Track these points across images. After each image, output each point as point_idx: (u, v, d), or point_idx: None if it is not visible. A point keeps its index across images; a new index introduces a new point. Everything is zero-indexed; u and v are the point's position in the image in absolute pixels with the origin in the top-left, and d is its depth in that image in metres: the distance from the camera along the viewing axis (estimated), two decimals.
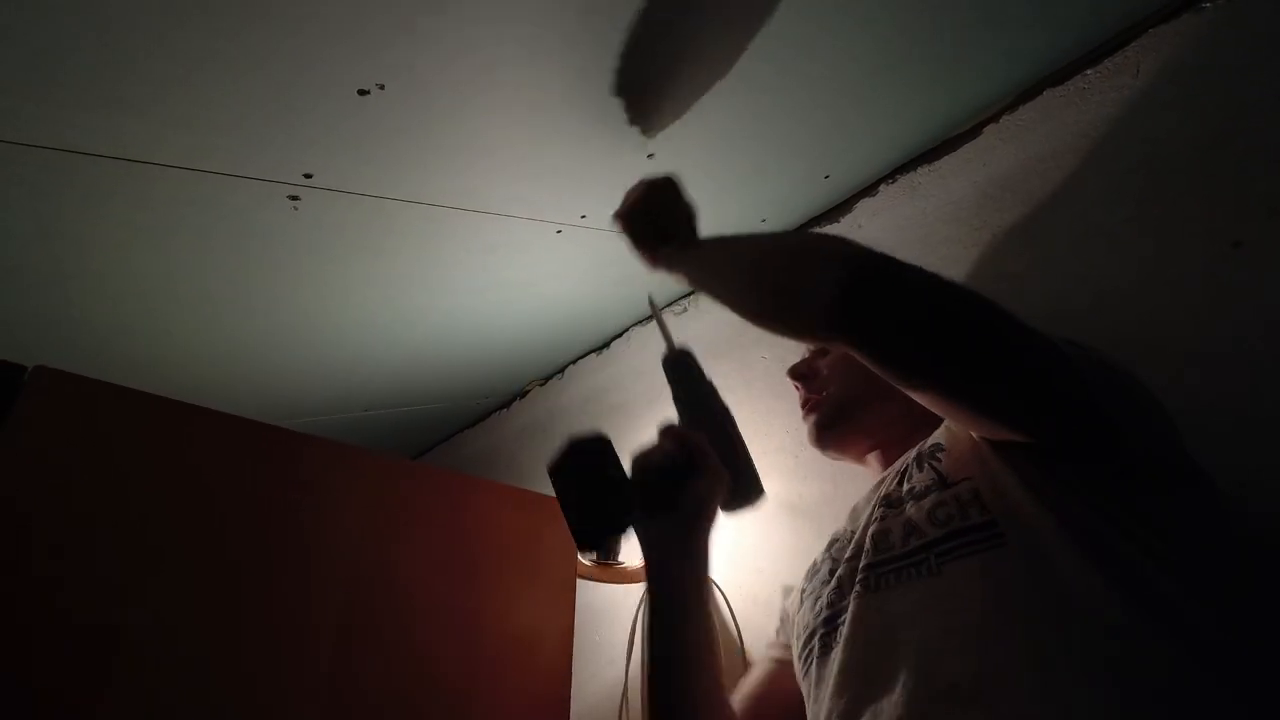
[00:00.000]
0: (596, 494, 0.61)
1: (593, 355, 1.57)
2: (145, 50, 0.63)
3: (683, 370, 0.78)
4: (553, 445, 1.72)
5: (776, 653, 0.79)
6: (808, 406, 0.83)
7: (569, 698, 0.88)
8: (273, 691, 0.65)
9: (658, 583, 0.63)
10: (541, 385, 1.72)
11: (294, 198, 0.81)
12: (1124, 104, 0.86)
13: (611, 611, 1.21)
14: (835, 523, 0.99)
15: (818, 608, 0.65)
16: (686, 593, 0.62)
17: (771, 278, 0.60)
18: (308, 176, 0.79)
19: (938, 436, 0.63)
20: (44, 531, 0.56)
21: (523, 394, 1.77)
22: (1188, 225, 0.77)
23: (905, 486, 0.61)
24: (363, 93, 0.69)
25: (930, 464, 0.60)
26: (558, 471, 0.63)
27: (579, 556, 1.00)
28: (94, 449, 0.60)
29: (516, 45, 0.72)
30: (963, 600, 0.50)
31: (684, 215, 0.80)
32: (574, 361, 1.62)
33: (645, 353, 1.44)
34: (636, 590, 1.11)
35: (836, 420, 0.79)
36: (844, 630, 0.57)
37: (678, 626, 0.61)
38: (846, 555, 0.64)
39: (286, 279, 0.96)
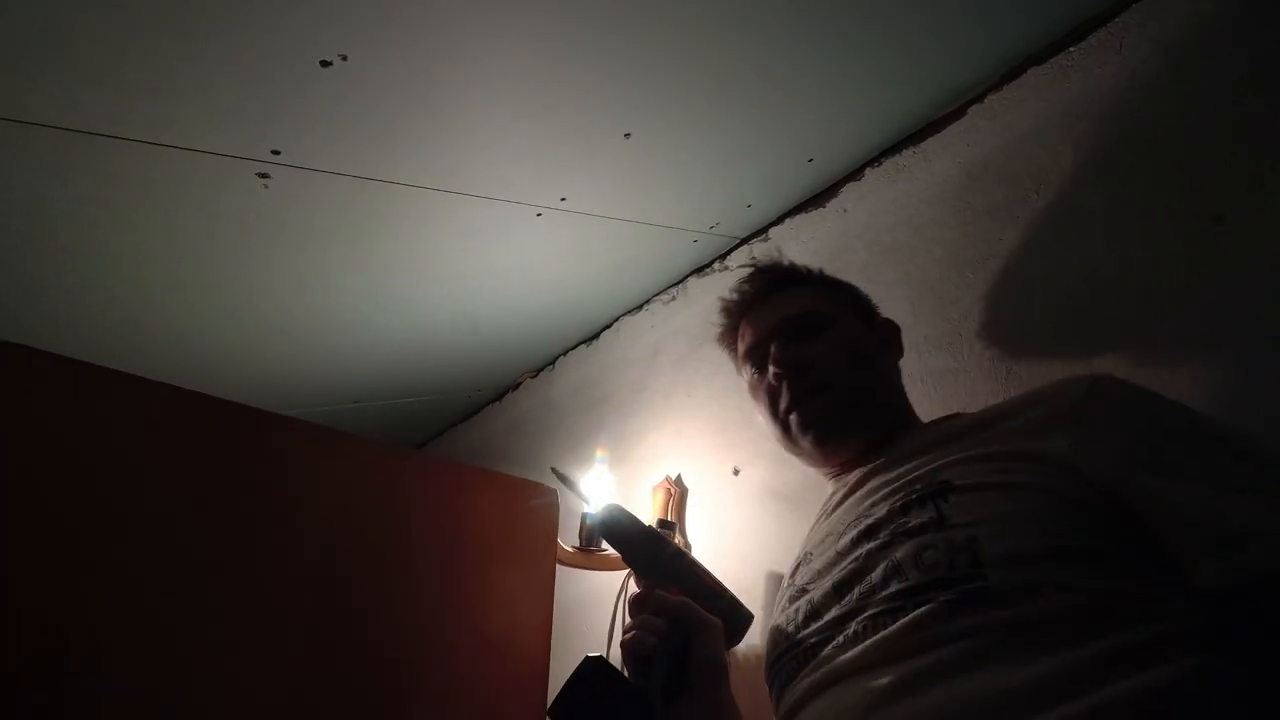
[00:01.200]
0: (625, 713, 0.57)
1: (583, 346, 1.57)
2: (99, 14, 0.60)
3: (620, 526, 0.69)
4: (545, 436, 1.70)
5: None
6: (803, 403, 0.70)
7: (546, 683, 0.87)
8: (244, 675, 0.64)
9: None
10: (533, 377, 1.71)
11: (263, 175, 0.80)
12: (1108, 80, 0.85)
13: (592, 597, 1.20)
14: (817, 508, 0.98)
15: (777, 639, 0.61)
16: None
17: None
18: (275, 153, 0.78)
19: (940, 472, 0.55)
20: (11, 510, 0.56)
21: (515, 386, 1.77)
22: (1170, 201, 0.76)
23: (897, 519, 0.54)
24: (325, 64, 0.68)
25: (936, 502, 0.53)
26: (563, 715, 0.59)
27: (559, 541, 0.99)
28: (60, 426, 0.59)
29: (487, 19, 0.70)
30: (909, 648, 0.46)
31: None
32: (564, 353, 1.61)
33: (634, 344, 1.43)
34: (617, 577, 1.10)
35: (852, 420, 0.69)
36: (805, 683, 0.53)
37: None
38: (817, 584, 0.59)
39: (260, 262, 0.95)
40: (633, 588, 1.08)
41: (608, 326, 1.50)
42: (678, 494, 1.17)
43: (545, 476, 1.47)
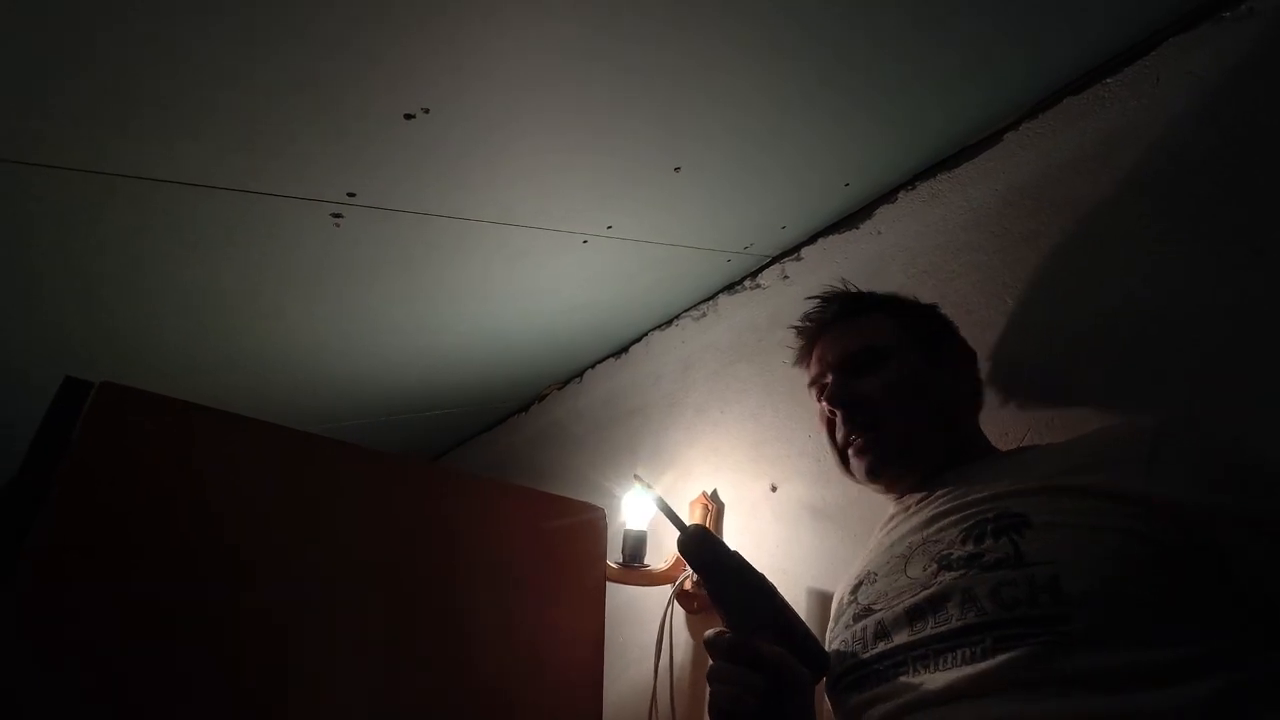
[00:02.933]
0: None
1: (610, 360, 1.59)
2: (209, 80, 0.66)
3: (707, 552, 0.64)
4: (573, 446, 1.72)
5: None
6: (855, 443, 0.72)
7: (601, 696, 0.89)
8: (327, 701, 0.67)
9: None
10: (560, 389, 1.74)
11: (337, 215, 0.84)
12: (1144, 112, 0.87)
13: (628, 611, 1.23)
14: (860, 525, 1.01)
15: (855, 651, 0.62)
16: None
17: None
18: (351, 195, 0.81)
19: (1019, 504, 0.56)
20: (113, 537, 0.59)
21: (540, 398, 1.79)
22: (1209, 232, 0.79)
23: (969, 549, 0.55)
24: (409, 117, 0.72)
25: (1011, 537, 0.53)
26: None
27: (607, 560, 1.01)
28: (153, 460, 0.62)
29: (552, 68, 0.74)
30: (1004, 688, 0.47)
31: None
32: (592, 366, 1.64)
33: (664, 358, 1.45)
34: (663, 591, 1.13)
35: (901, 457, 0.70)
36: (886, 697, 0.55)
37: None
38: (886, 605, 0.60)
39: (327, 294, 0.99)
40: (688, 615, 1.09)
41: (637, 340, 1.53)
42: (714, 510, 1.20)
43: (574, 486, 1.50)
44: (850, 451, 0.73)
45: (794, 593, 1.05)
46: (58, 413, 0.56)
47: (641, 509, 1.15)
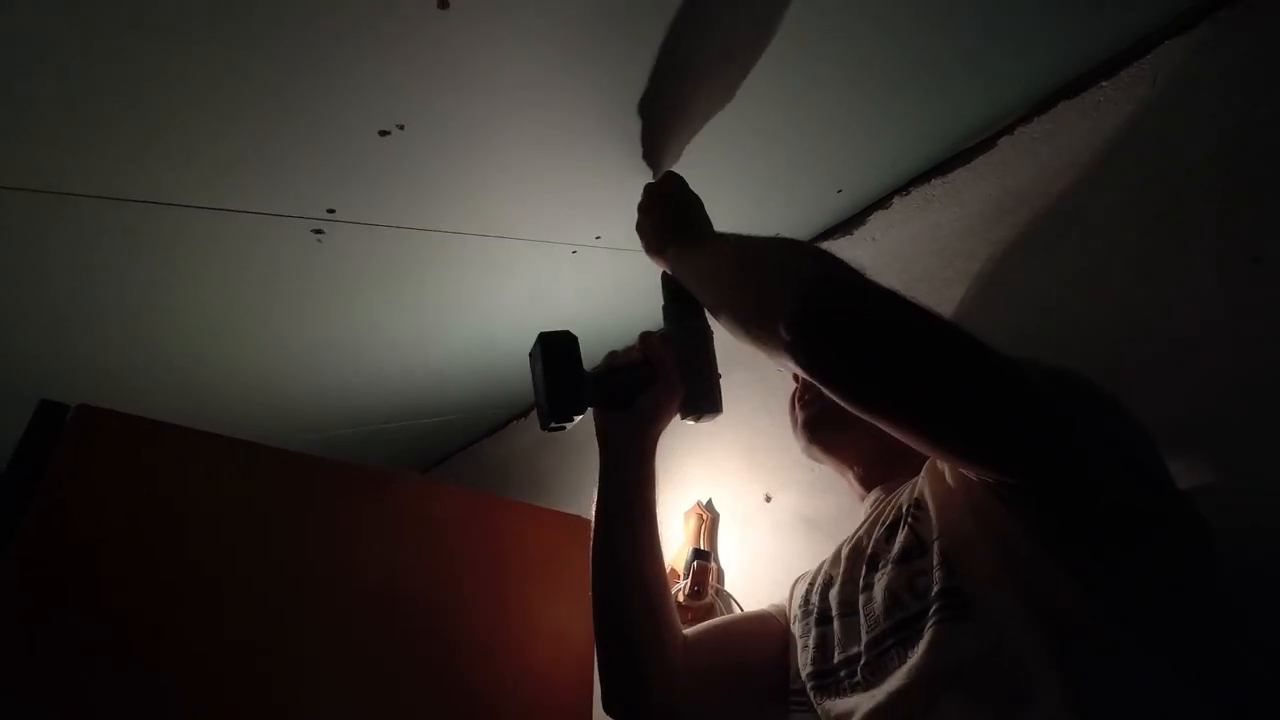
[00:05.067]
0: (554, 386, 0.68)
1: None
2: (183, 99, 0.65)
3: (677, 286, 0.81)
4: (569, 455, 1.72)
5: (767, 609, 0.80)
6: (802, 402, 0.79)
7: (591, 707, 0.89)
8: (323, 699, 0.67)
9: (605, 467, 0.73)
10: None
11: (318, 231, 0.83)
12: (1140, 115, 0.86)
13: None
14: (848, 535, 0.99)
15: (816, 657, 0.64)
16: (627, 478, 0.72)
17: (742, 289, 0.61)
18: (331, 212, 0.81)
19: (921, 486, 0.59)
20: (91, 561, 0.58)
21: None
22: (1206, 239, 0.77)
23: (890, 548, 0.59)
24: (383, 133, 0.72)
25: (910, 524, 0.57)
26: (533, 361, 0.70)
27: None
28: (132, 481, 0.62)
29: (533, 78, 0.73)
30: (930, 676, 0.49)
31: (695, 206, 0.81)
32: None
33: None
34: None
35: (829, 422, 0.75)
36: (864, 686, 0.56)
37: (619, 505, 0.71)
38: (840, 612, 0.63)
39: (312, 308, 0.99)
40: None
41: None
42: (709, 519, 1.19)
43: (571, 494, 1.48)
44: (797, 406, 0.78)
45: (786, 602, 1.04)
46: (34, 435, 0.55)
47: None
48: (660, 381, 0.71)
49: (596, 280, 1.14)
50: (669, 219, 0.80)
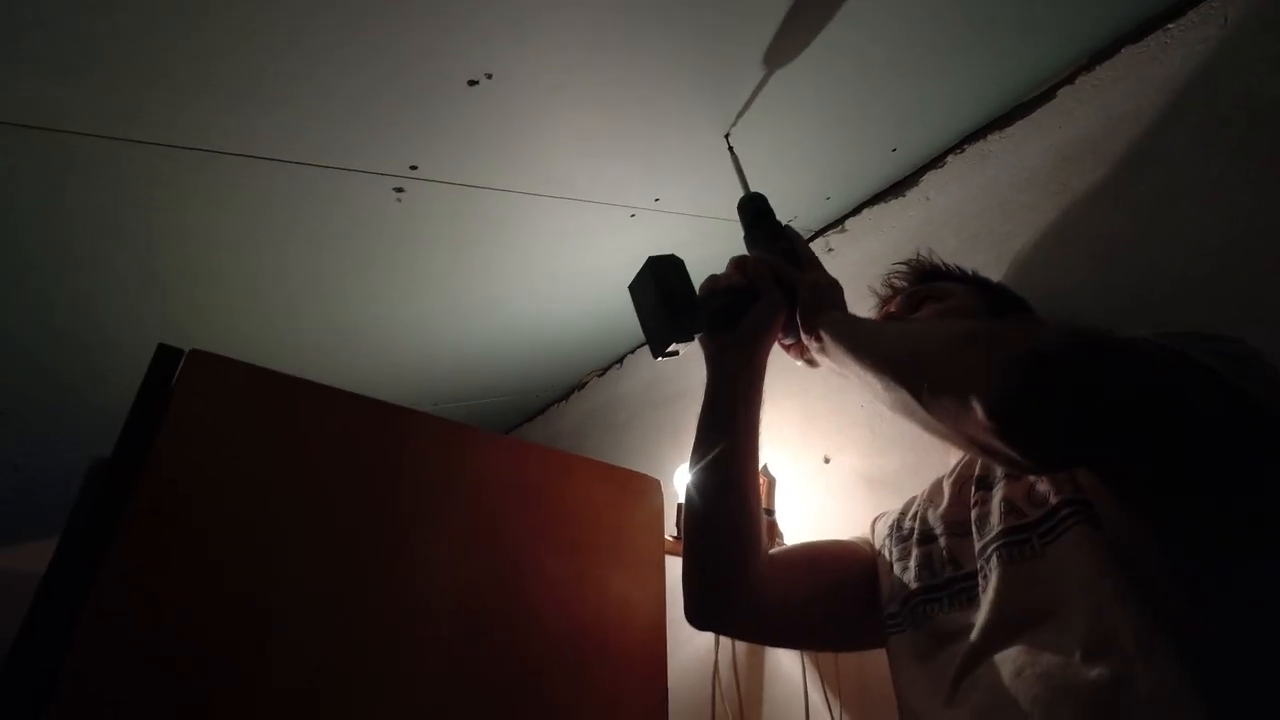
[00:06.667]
0: (669, 307, 0.67)
1: None
2: (282, 51, 0.67)
3: (754, 213, 0.82)
4: (616, 433, 1.73)
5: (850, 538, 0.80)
6: None
7: (666, 675, 0.90)
8: (399, 658, 0.69)
9: (714, 384, 0.73)
10: (600, 376, 1.75)
11: (399, 190, 0.85)
12: (1211, 55, 0.85)
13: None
14: (917, 490, 0.99)
15: (923, 574, 0.65)
16: (736, 394, 0.71)
17: (927, 359, 0.54)
18: (413, 168, 0.83)
19: None
20: (203, 505, 0.61)
21: (580, 385, 1.80)
22: None
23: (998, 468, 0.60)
24: (472, 83, 0.73)
25: None
26: (637, 287, 0.71)
27: (669, 528, 1.01)
28: (237, 422, 0.64)
29: (607, 27, 0.74)
30: (1067, 575, 0.50)
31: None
32: (633, 350, 1.64)
33: (696, 346, 1.45)
34: None
35: None
36: (980, 603, 0.56)
37: (726, 420, 0.71)
38: (946, 530, 0.64)
39: (383, 271, 1.01)
40: None
41: None
42: (766, 482, 1.19)
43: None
44: None
45: None
46: (154, 375, 0.58)
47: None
48: (764, 299, 0.71)
49: (653, 245, 1.14)
50: (826, 280, 0.76)
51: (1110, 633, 0.45)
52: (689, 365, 1.48)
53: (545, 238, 1.06)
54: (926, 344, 0.56)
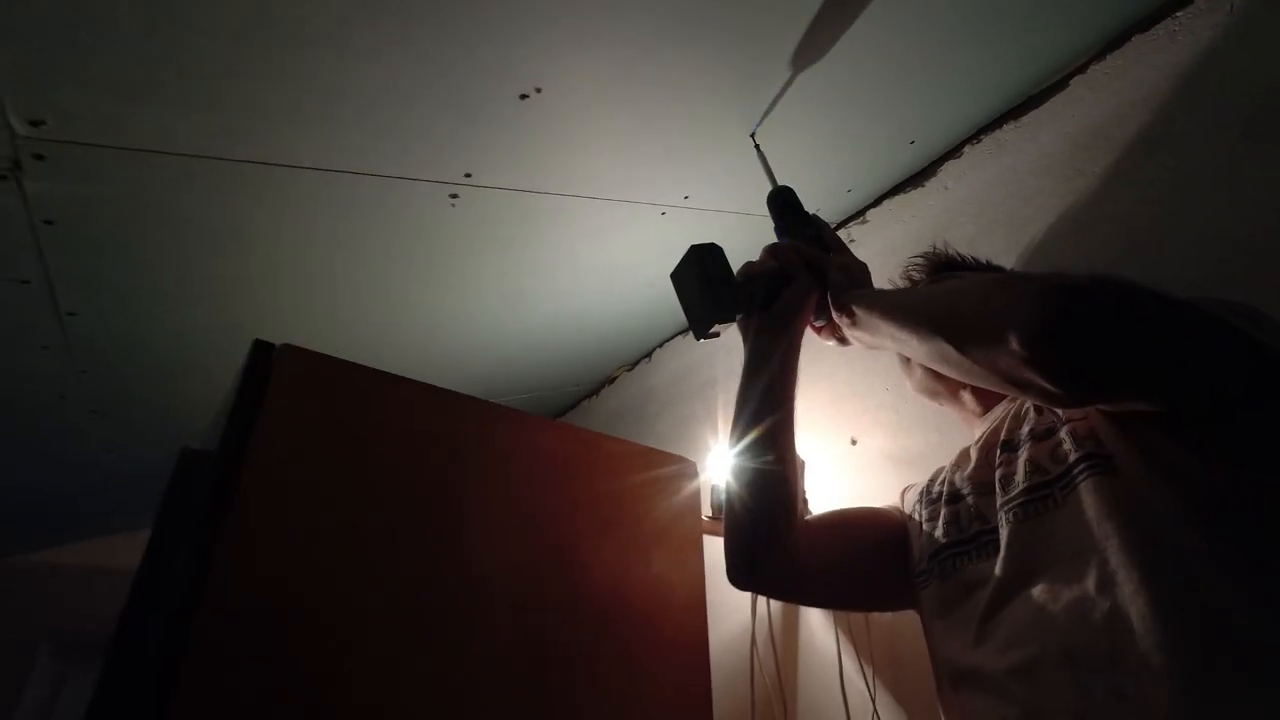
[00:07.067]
0: (711, 290, 0.73)
1: (679, 337, 1.64)
2: (360, 77, 0.75)
3: (782, 205, 0.88)
4: (648, 424, 1.77)
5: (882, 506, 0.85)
6: None
7: (708, 656, 0.94)
8: (459, 646, 0.74)
9: (751, 362, 0.78)
10: (629, 371, 1.80)
11: (454, 195, 0.92)
12: (1220, 41, 0.88)
13: (717, 565, 1.27)
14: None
15: (950, 530, 0.69)
16: (772, 369, 0.76)
17: (956, 312, 0.58)
18: (468, 176, 0.90)
19: None
20: (298, 493, 0.67)
21: (610, 380, 1.86)
22: None
23: (1024, 429, 0.64)
24: (523, 96, 0.80)
25: (1050, 411, 0.62)
26: (679, 274, 0.77)
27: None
28: (324, 410, 0.71)
29: (647, 43, 0.79)
30: (1084, 520, 0.53)
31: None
32: (661, 344, 1.69)
33: (734, 330, 1.49)
34: None
35: None
36: (1002, 551, 0.61)
37: (765, 393, 0.75)
38: (973, 490, 0.68)
39: (435, 274, 1.09)
40: None
41: None
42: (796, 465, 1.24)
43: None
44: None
45: None
46: (251, 370, 0.65)
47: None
48: (796, 282, 0.77)
49: (683, 241, 1.20)
50: (855, 263, 0.82)
51: (1122, 567, 0.49)
52: (716, 355, 1.54)
53: (580, 237, 1.12)
54: (959, 295, 0.62)
